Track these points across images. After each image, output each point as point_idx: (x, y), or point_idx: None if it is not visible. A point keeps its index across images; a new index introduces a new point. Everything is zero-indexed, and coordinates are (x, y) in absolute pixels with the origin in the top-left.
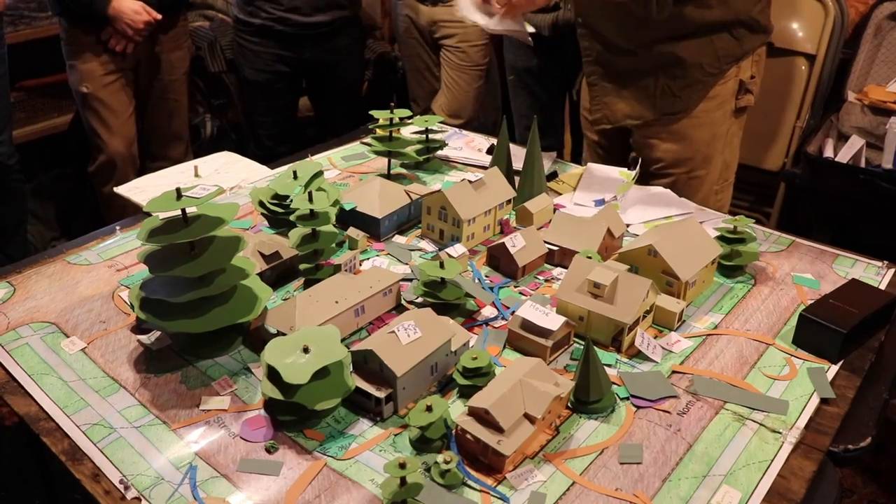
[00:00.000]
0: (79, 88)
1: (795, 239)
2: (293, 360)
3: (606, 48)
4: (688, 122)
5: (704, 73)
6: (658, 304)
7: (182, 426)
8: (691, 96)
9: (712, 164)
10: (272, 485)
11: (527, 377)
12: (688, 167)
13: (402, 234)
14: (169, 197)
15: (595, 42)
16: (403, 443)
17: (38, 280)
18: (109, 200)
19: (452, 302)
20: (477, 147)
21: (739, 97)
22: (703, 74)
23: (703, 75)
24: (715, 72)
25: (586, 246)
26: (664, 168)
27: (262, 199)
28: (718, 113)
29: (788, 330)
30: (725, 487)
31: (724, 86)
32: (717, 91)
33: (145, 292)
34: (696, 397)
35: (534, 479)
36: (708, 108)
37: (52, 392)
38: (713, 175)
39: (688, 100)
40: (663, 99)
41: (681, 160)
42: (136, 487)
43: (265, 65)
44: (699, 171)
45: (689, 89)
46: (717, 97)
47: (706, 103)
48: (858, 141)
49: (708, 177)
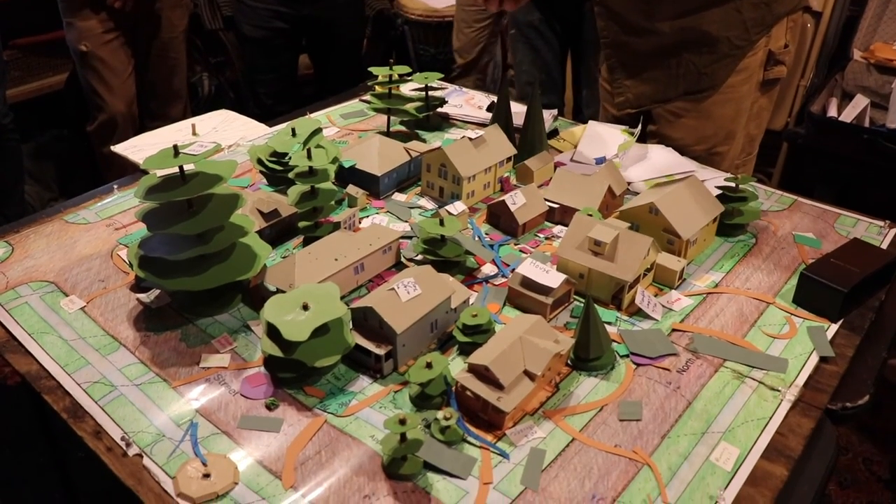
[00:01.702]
0: (77, 47)
1: (797, 198)
2: (293, 317)
3: (624, 29)
4: (714, 98)
5: (732, 47)
6: (659, 262)
7: (182, 384)
8: (718, 72)
9: (735, 139)
10: (273, 441)
11: (527, 334)
12: (709, 144)
13: (402, 191)
14: (166, 154)
15: (612, 23)
16: (403, 400)
17: (36, 239)
18: (108, 160)
19: (452, 259)
20: (477, 104)
21: (769, 69)
22: (730, 48)
23: (730, 49)
24: (743, 44)
25: (587, 204)
26: (685, 146)
27: (260, 157)
28: (745, 87)
29: (789, 289)
30: (724, 444)
31: (752, 57)
32: (746, 63)
33: (144, 250)
34: (695, 355)
35: (533, 435)
36: (734, 83)
37: (52, 351)
38: (735, 151)
39: (714, 76)
40: (688, 78)
41: (703, 137)
42: (137, 444)
43: (263, 21)
44: (720, 147)
45: (716, 65)
46: (744, 70)
47: (733, 77)
48: (863, 100)
49: (729, 153)
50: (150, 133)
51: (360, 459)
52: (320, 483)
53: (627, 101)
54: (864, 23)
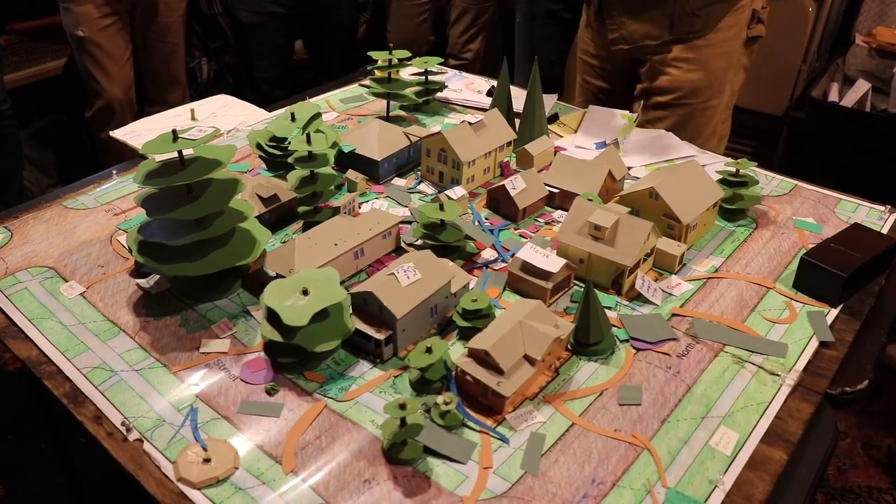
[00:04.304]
0: (74, 32)
1: (798, 183)
2: (292, 302)
3: None
4: (709, 50)
5: None
6: (659, 246)
7: (182, 369)
8: (711, 15)
9: (725, 92)
10: (273, 426)
11: (527, 319)
12: (705, 96)
13: (402, 176)
14: (165, 139)
15: None
16: (403, 384)
17: (35, 225)
18: (107, 146)
19: (452, 244)
20: (477, 89)
21: (752, 26)
22: None
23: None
24: None
25: (587, 188)
26: (681, 98)
27: (259, 142)
28: (735, 42)
29: (789, 274)
30: (723, 429)
31: (741, 14)
32: (735, 19)
33: (143, 236)
34: (695, 340)
35: (533, 420)
36: (727, 38)
37: (52, 336)
38: (724, 103)
39: (707, 18)
40: (682, 18)
41: (699, 88)
42: (137, 429)
43: (260, 6)
44: (714, 100)
45: (709, 7)
46: (735, 25)
47: (725, 32)
48: (864, 85)
49: (720, 105)
50: (149, 118)
51: (360, 444)
52: (320, 468)
53: (622, 38)
54: (866, 6)
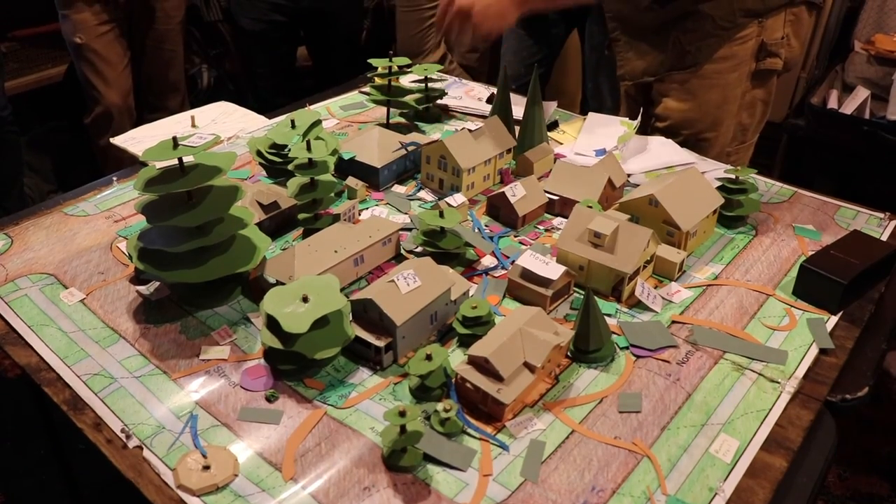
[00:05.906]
0: (72, 39)
1: (797, 190)
2: (292, 309)
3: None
4: (698, 82)
5: (716, 27)
6: (658, 254)
7: (182, 376)
8: (702, 51)
9: (723, 127)
10: (272, 433)
11: (526, 326)
12: (695, 129)
13: (402, 183)
14: (165, 146)
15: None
16: (403, 391)
17: (35, 231)
18: (106, 152)
19: (452, 251)
20: (476, 96)
21: (761, 59)
22: (714, 28)
23: (714, 29)
24: (728, 25)
25: (587, 195)
26: (672, 127)
27: (259, 149)
28: (733, 75)
29: (789, 281)
30: (724, 436)
31: (742, 46)
32: (734, 51)
33: (143, 242)
34: (695, 347)
35: (533, 427)
36: (721, 70)
37: (52, 343)
38: (724, 138)
39: (698, 54)
40: (674, 53)
41: (688, 120)
42: (137, 436)
43: (261, 14)
44: (707, 133)
45: (700, 43)
46: (732, 58)
47: (719, 64)
48: (863, 92)
49: (718, 140)
50: (149, 125)
51: (359, 451)
52: (320, 475)
53: (627, 74)
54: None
